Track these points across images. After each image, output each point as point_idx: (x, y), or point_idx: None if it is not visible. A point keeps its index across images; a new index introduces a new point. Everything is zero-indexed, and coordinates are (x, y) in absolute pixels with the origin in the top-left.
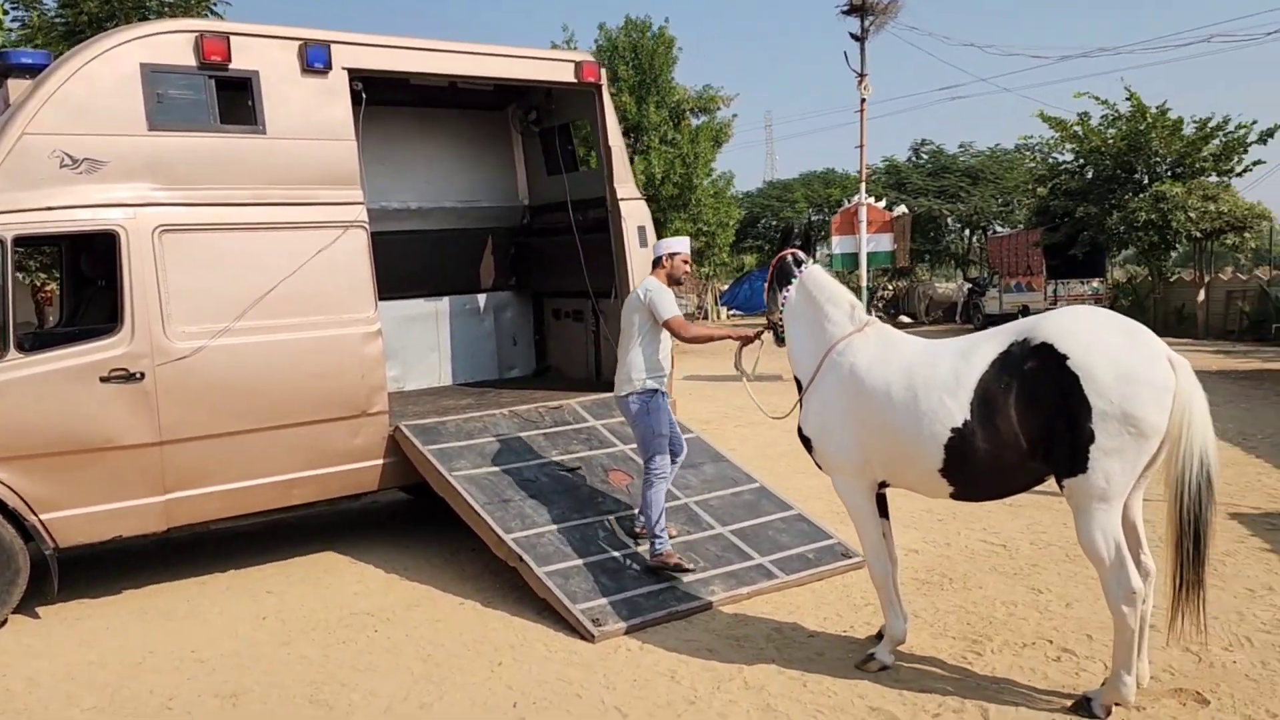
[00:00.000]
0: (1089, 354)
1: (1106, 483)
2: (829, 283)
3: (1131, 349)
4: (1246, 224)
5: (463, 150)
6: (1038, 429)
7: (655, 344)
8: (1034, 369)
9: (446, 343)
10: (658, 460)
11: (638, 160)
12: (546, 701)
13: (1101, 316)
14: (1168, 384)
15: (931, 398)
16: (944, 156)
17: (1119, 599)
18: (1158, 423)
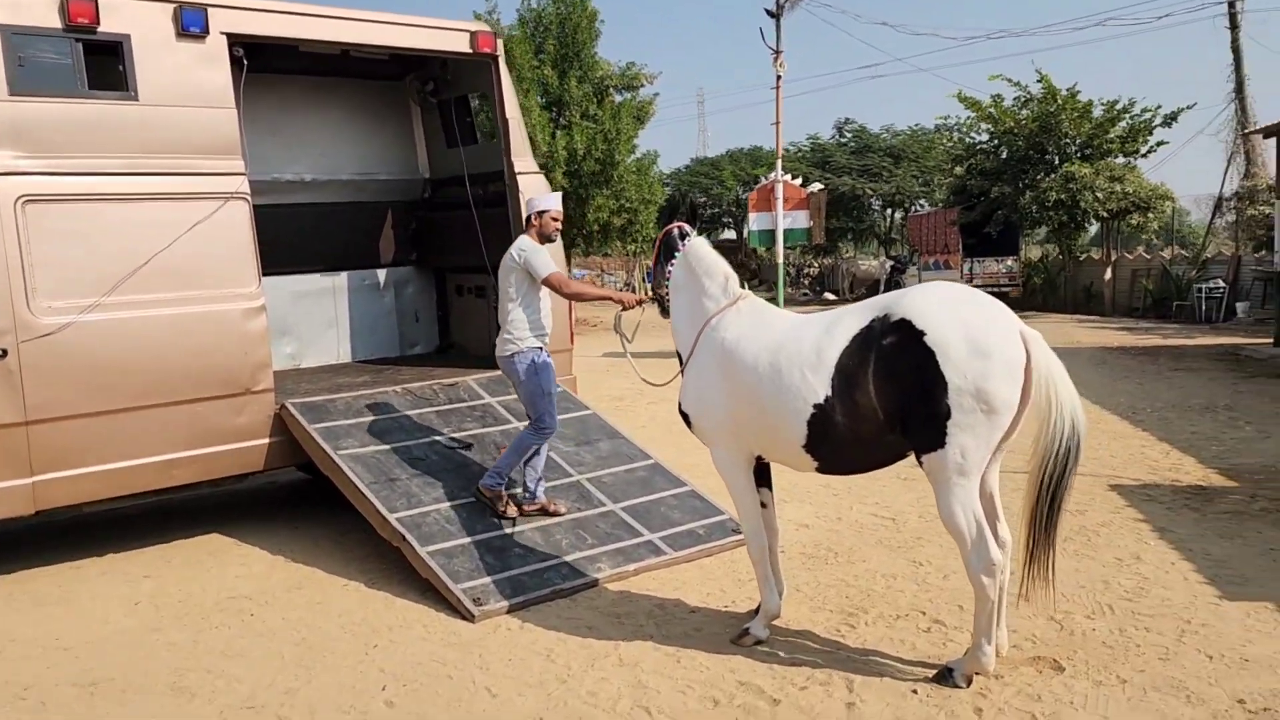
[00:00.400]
0: (945, 330)
1: (963, 457)
2: (708, 256)
3: (986, 324)
4: (1150, 204)
5: (360, 121)
6: (896, 404)
7: (535, 304)
8: (892, 344)
9: (345, 319)
10: (547, 419)
11: (559, 135)
12: (417, 683)
13: (959, 292)
14: (1019, 359)
15: (794, 373)
16: (867, 135)
17: (979, 571)
18: (1009, 398)
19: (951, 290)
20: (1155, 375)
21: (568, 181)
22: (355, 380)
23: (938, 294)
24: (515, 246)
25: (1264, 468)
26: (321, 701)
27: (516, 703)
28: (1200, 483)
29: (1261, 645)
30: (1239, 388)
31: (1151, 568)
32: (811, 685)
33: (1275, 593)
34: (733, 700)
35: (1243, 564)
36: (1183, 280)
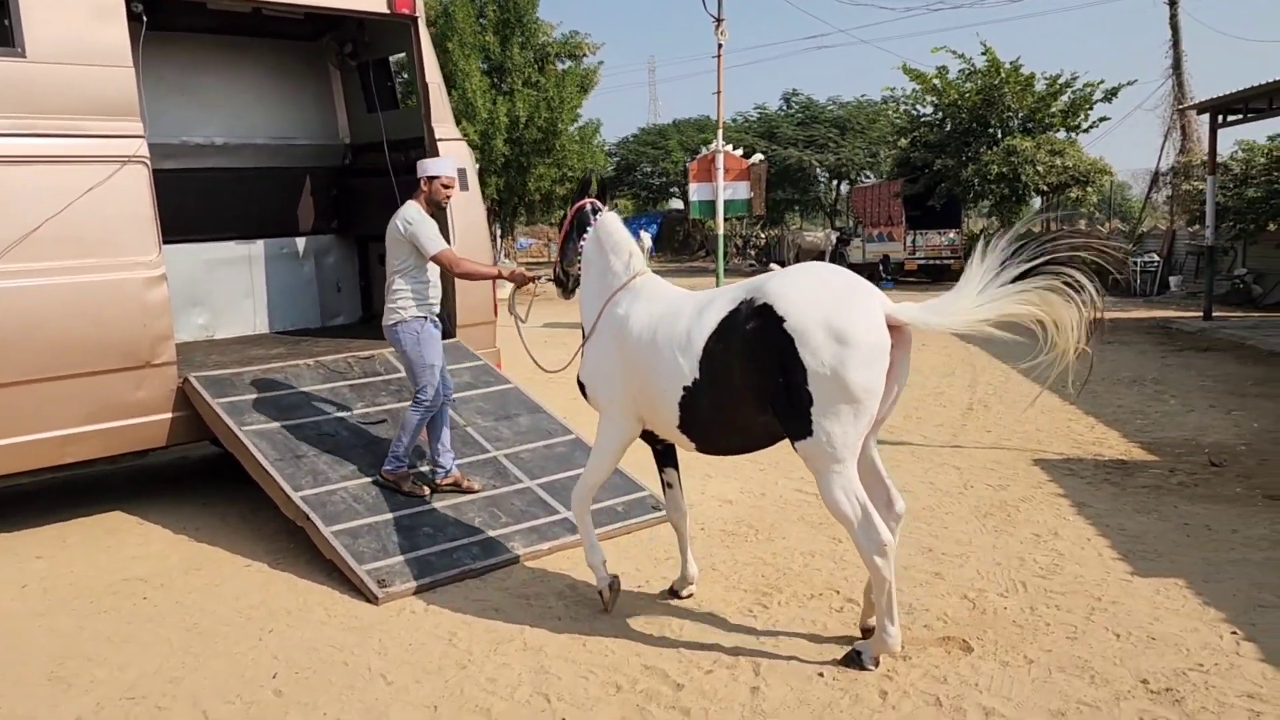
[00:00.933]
0: (805, 316)
1: (832, 444)
2: (616, 231)
3: (847, 309)
4: (1089, 178)
5: (275, 84)
6: (761, 389)
7: (423, 275)
8: (755, 329)
9: (262, 289)
10: (429, 391)
11: (501, 102)
12: (310, 670)
13: (824, 276)
14: (881, 344)
15: (668, 355)
16: (814, 107)
17: (871, 552)
18: (868, 384)
19: (819, 274)
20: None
21: (509, 149)
22: (269, 352)
23: (803, 278)
24: (401, 216)
25: (1184, 441)
26: (206, 690)
27: (412, 690)
28: (1122, 457)
29: (1168, 622)
30: (1167, 361)
31: (1068, 544)
32: (717, 669)
33: (1186, 568)
34: (635, 685)
35: (1157, 539)
36: (1119, 254)
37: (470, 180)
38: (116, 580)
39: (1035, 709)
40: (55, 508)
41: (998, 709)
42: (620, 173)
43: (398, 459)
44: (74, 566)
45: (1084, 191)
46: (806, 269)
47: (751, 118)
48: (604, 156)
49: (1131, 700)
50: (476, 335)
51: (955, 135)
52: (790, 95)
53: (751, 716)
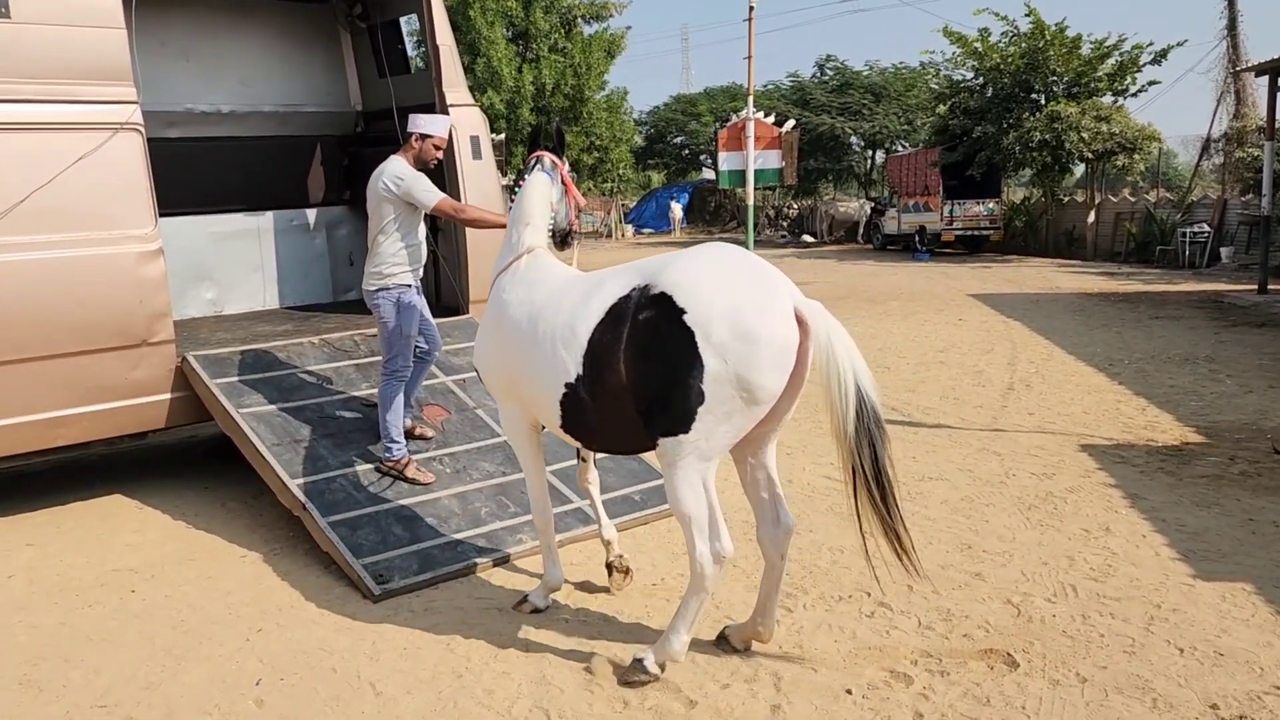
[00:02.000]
0: (709, 308)
1: (708, 442)
2: (525, 196)
3: (757, 304)
4: (1136, 145)
5: (284, 49)
6: (649, 385)
7: (413, 234)
8: (648, 321)
9: (272, 262)
10: (400, 360)
11: (526, 69)
12: (296, 676)
13: (731, 262)
14: (790, 343)
15: (548, 347)
16: (849, 73)
17: (706, 558)
18: (772, 387)
19: (724, 259)
20: (1135, 323)
21: (535, 118)
22: (275, 329)
23: (706, 264)
24: (389, 174)
25: (1244, 426)
26: (182, 700)
27: (402, 702)
28: (1177, 443)
29: (1237, 635)
30: (1221, 337)
31: (1121, 541)
32: (735, 682)
33: (1253, 570)
34: (645, 701)
35: (1219, 537)
36: (1167, 224)
37: (484, 149)
38: (106, 571)
39: None
40: (53, 490)
41: None
42: (651, 142)
43: (393, 442)
44: (64, 555)
45: (1130, 159)
46: (709, 252)
47: (784, 86)
48: (632, 126)
49: None
50: None
51: (996, 101)
52: (824, 62)
53: None
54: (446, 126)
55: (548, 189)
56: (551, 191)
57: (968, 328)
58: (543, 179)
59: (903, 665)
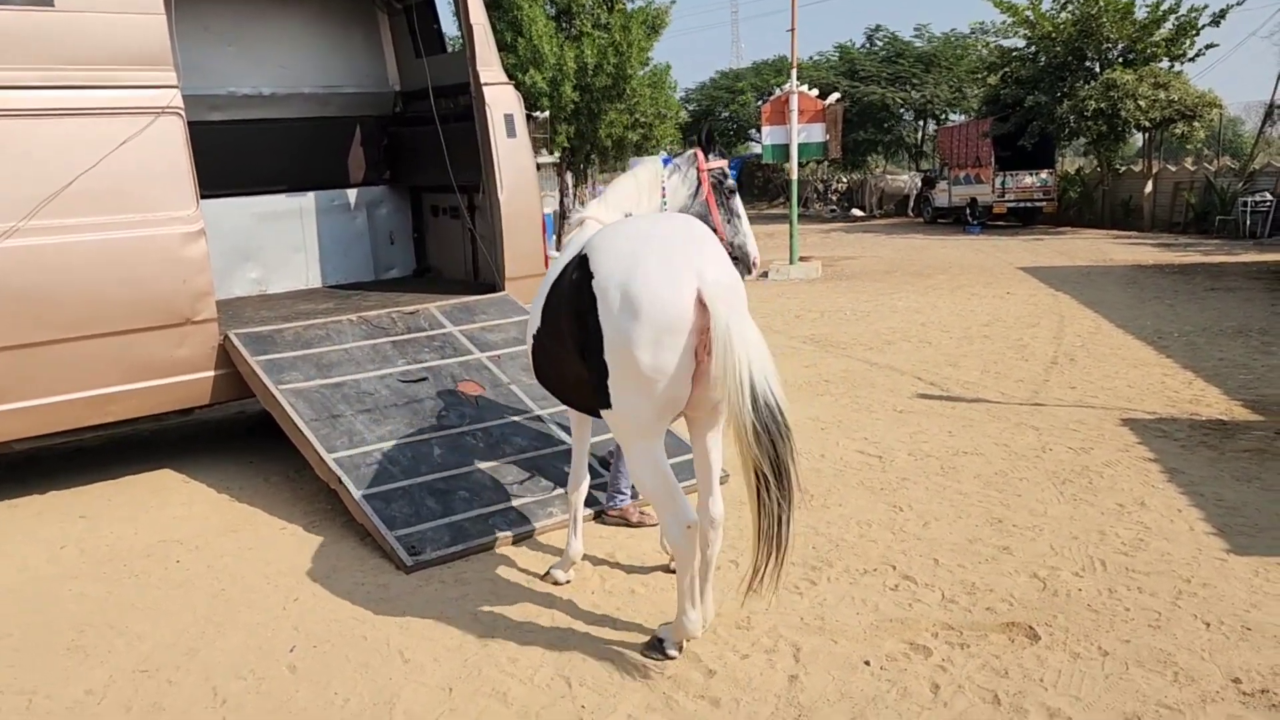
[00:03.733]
0: (608, 277)
1: (632, 419)
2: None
3: (647, 276)
4: (1196, 112)
5: (322, 31)
6: (580, 348)
7: None
8: (573, 283)
9: (314, 242)
10: None
11: (568, 47)
12: (328, 644)
13: (650, 233)
14: (671, 323)
15: (534, 303)
16: (899, 42)
17: (671, 530)
18: (656, 365)
19: (643, 226)
20: (1188, 295)
21: (579, 96)
22: (316, 307)
23: (630, 230)
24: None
25: None
26: (220, 665)
27: (428, 670)
28: (1222, 416)
29: (1267, 610)
30: (1278, 309)
31: (1155, 515)
32: (754, 653)
33: None
34: (664, 671)
35: (1258, 512)
36: (1227, 193)
37: (519, 128)
38: (153, 542)
39: (1106, 710)
40: (106, 465)
41: (1064, 709)
42: (697, 118)
43: (619, 493)
44: (114, 527)
45: (1190, 127)
46: (646, 219)
47: (833, 57)
48: (677, 102)
49: (1219, 703)
50: (527, 288)
51: (1049, 70)
52: (874, 31)
53: (786, 709)
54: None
55: (651, 174)
56: (660, 178)
57: (1015, 301)
58: (652, 164)
59: (923, 638)
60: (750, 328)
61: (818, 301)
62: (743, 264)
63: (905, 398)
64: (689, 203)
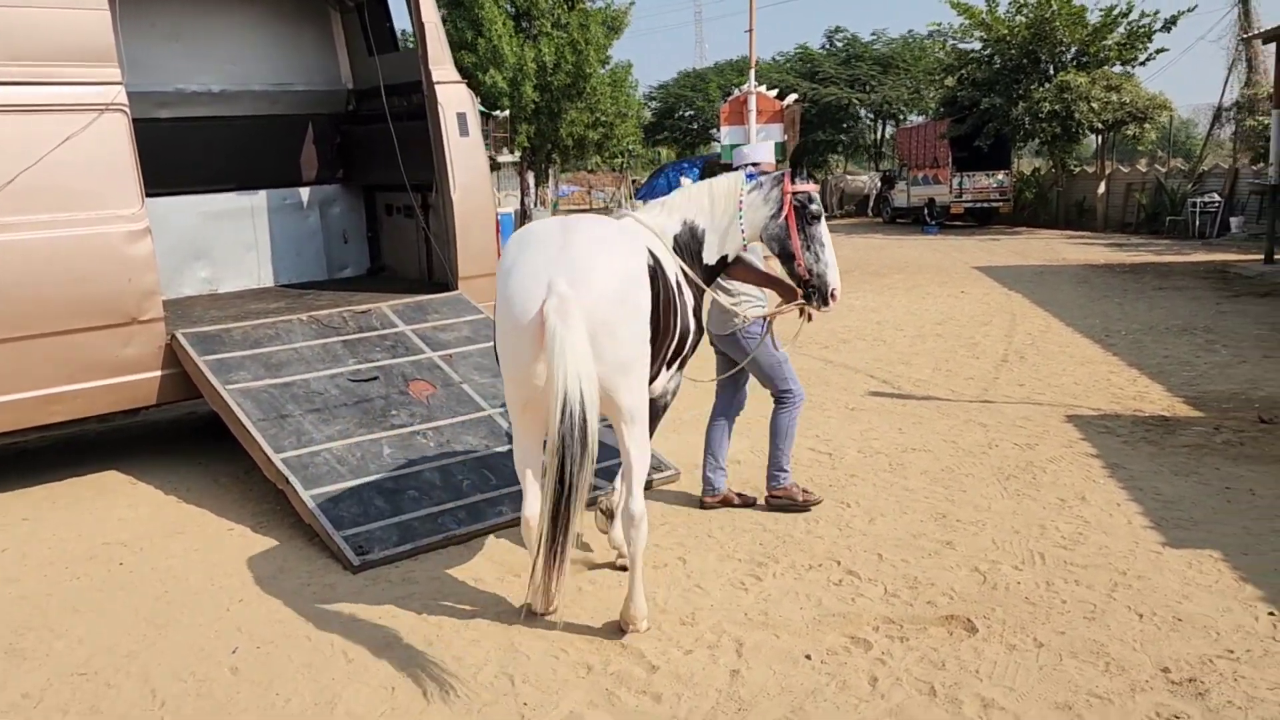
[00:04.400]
0: (501, 267)
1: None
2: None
3: (513, 280)
4: (1147, 115)
5: (273, 28)
6: None
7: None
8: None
9: (265, 241)
10: (794, 384)
11: (528, 48)
12: (272, 645)
13: (540, 232)
14: (519, 326)
15: None
16: (857, 44)
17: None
18: (506, 361)
19: (541, 231)
20: (1137, 294)
21: (539, 95)
22: (267, 307)
23: (530, 231)
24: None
25: (1233, 395)
26: (160, 667)
27: (372, 669)
28: (1164, 412)
29: (1198, 601)
30: (1222, 308)
31: (1095, 510)
32: (698, 649)
33: (1224, 538)
34: (608, 666)
35: (1193, 505)
36: (1177, 194)
37: (471, 125)
38: (97, 545)
39: (1039, 701)
40: (51, 466)
41: (998, 700)
42: (660, 117)
43: (782, 470)
44: (58, 529)
45: (1142, 129)
46: (557, 219)
47: (791, 56)
48: (638, 101)
49: (1149, 693)
50: (480, 287)
51: (1004, 72)
52: (833, 33)
53: (726, 704)
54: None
55: (728, 186)
56: (739, 191)
57: (969, 300)
58: (733, 177)
59: (864, 631)
60: (576, 341)
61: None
62: (819, 296)
63: (858, 395)
64: (767, 223)
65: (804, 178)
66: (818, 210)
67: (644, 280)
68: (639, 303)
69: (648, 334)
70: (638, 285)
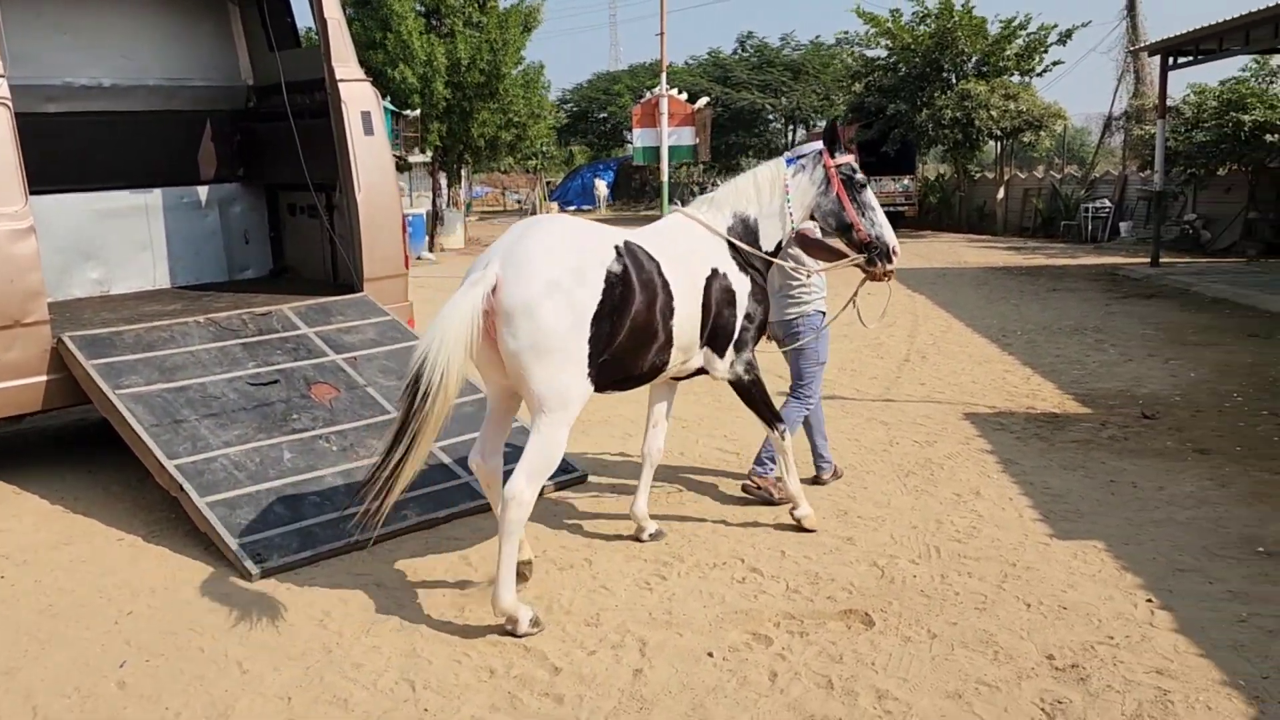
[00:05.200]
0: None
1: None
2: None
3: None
4: (1043, 123)
5: (168, 21)
6: None
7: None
8: None
9: (161, 241)
10: (813, 386)
11: (439, 45)
12: (163, 658)
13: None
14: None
15: None
16: (768, 50)
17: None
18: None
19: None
20: (1033, 296)
21: (451, 93)
22: (163, 309)
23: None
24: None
25: (1119, 392)
26: (42, 683)
27: (268, 679)
28: (1055, 410)
29: (1082, 590)
30: (1111, 309)
31: (989, 504)
32: (601, 649)
33: (1107, 529)
34: (510, 670)
35: (1080, 498)
36: (1071, 200)
37: (376, 125)
38: None
39: (931, 690)
40: None
41: (892, 691)
42: (574, 119)
43: (769, 464)
44: None
45: (1038, 136)
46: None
47: (704, 61)
48: (551, 103)
49: (1034, 679)
50: (386, 289)
51: (909, 79)
52: (745, 38)
53: (629, 703)
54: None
55: (772, 174)
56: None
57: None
58: (774, 165)
59: (765, 628)
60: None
61: None
62: (883, 255)
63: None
64: (820, 200)
65: (840, 149)
66: (863, 178)
67: (590, 280)
68: (575, 298)
69: (583, 331)
70: (577, 283)
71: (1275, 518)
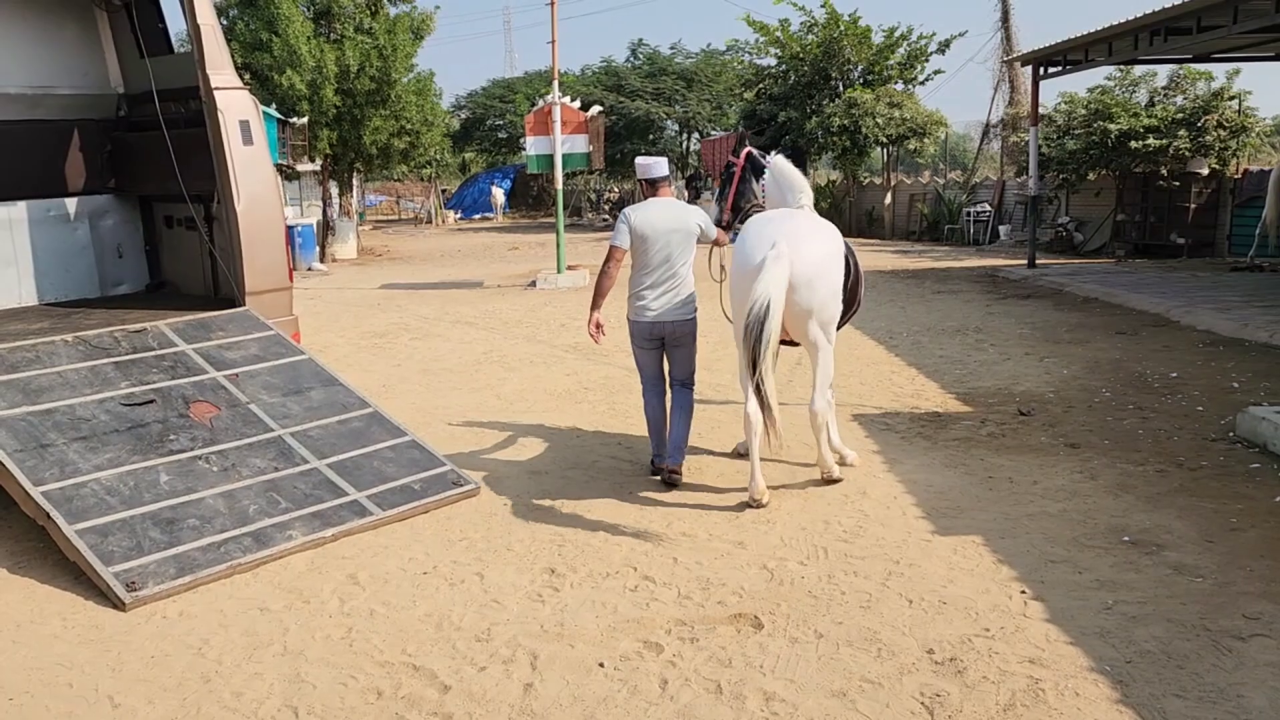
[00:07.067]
0: (739, 239)
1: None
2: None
3: (751, 239)
4: (926, 130)
5: (28, 26)
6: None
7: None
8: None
9: (27, 256)
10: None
11: (328, 50)
12: (27, 695)
13: (777, 213)
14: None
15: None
16: (660, 58)
17: None
18: (736, 299)
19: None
20: (918, 298)
21: (341, 100)
22: (28, 327)
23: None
24: (701, 217)
25: (998, 391)
26: None
27: (141, 713)
28: (938, 409)
29: (961, 585)
30: (991, 309)
31: (875, 504)
32: (492, 665)
33: (985, 524)
34: (399, 690)
35: (961, 494)
36: (954, 204)
37: (255, 134)
38: None
39: (816, 690)
40: None
41: (779, 693)
42: (468, 126)
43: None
44: None
45: (922, 143)
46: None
47: (597, 69)
48: (443, 110)
49: (914, 674)
50: (269, 302)
51: (799, 88)
52: (636, 45)
53: (519, 718)
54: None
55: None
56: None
57: None
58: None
59: (657, 635)
60: (778, 272)
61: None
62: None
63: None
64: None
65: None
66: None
67: (840, 256)
68: (835, 270)
69: (840, 293)
70: (836, 258)
71: (1139, 507)
